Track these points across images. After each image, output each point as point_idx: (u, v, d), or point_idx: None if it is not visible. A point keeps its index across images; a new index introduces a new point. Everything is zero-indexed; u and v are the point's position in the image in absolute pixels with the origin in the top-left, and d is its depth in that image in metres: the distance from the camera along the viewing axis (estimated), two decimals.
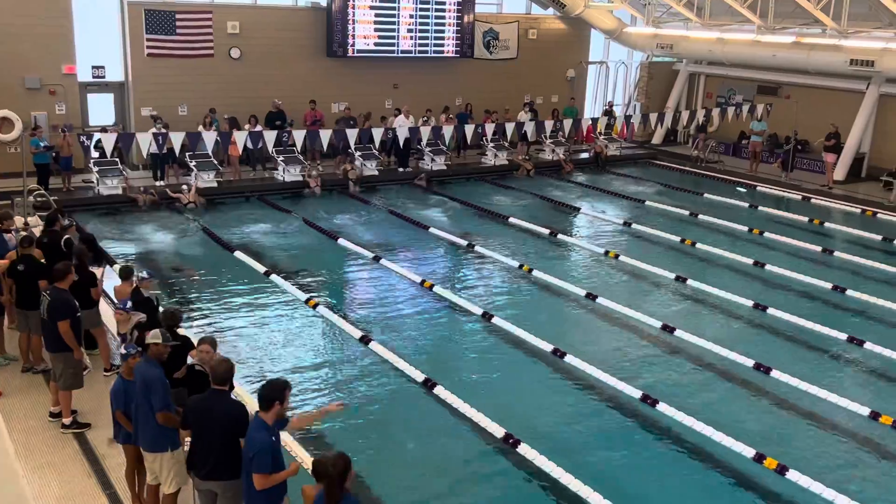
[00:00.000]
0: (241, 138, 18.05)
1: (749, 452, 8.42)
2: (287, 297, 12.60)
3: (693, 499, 7.91)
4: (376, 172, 20.83)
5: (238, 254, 14.51)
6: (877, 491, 8.04)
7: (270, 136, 18.06)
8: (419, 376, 9.91)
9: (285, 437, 7.43)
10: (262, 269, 13.73)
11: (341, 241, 15.60)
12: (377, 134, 19.57)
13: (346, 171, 19.89)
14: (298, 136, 18.50)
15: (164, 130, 17.58)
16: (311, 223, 16.74)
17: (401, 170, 21.33)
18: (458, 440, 8.70)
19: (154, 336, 6.68)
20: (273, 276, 13.35)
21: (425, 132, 20.07)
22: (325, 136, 18.63)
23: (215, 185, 18.76)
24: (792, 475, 8.04)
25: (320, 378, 9.98)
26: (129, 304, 7.86)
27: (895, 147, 20.36)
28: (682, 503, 7.84)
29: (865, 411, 9.44)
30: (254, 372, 10.01)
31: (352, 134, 18.99)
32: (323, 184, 19.56)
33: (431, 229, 16.69)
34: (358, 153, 20.40)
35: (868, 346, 11.36)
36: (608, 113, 25.07)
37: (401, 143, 20.58)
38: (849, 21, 21.28)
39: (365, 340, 10.94)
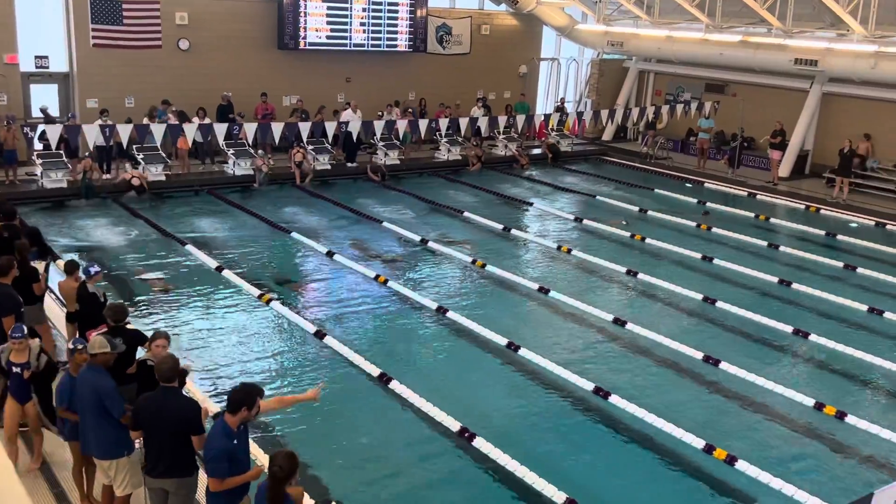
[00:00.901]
0: (190, 131, 17.74)
1: (699, 443, 8.57)
2: (240, 292, 12.42)
3: (645, 489, 8.02)
4: (329, 167, 20.69)
5: (189, 248, 14.27)
6: (822, 480, 8.23)
7: (220, 129, 17.79)
8: (374, 371, 9.87)
9: None
10: (214, 263, 13.53)
11: (294, 236, 15.45)
12: (330, 128, 19.41)
13: (294, 155, 19.67)
14: (249, 129, 18.26)
15: (110, 122, 17.21)
16: (262, 218, 16.57)
17: (349, 164, 21.19)
18: (414, 434, 8.69)
19: (101, 345, 6.43)
20: (225, 272, 13.16)
21: (379, 126, 19.96)
22: (277, 129, 18.42)
23: (163, 178, 18.42)
24: (741, 465, 8.21)
25: (275, 373, 9.88)
26: (25, 329, 7.44)
27: (837, 145, 20.87)
28: (634, 494, 7.94)
29: (810, 402, 9.68)
30: (206, 369, 9.85)
31: (304, 127, 18.82)
32: (274, 178, 19.37)
33: (385, 224, 16.63)
34: (310, 147, 20.23)
35: (813, 338, 11.66)
36: (560, 109, 25.29)
37: (354, 138, 20.45)
38: (793, 21, 21.79)
39: (320, 335, 10.86)
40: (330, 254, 14.43)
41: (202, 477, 5.98)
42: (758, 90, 24.04)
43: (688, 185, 22.05)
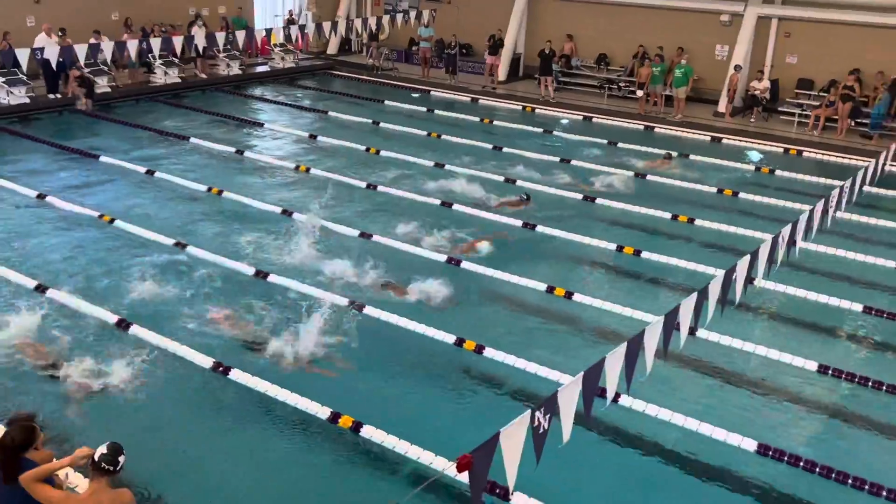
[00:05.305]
0: None
1: (450, 339, 9.05)
2: None
3: (409, 392, 8.29)
4: (27, 100, 18.48)
5: None
6: (560, 354, 9.00)
7: None
8: (111, 318, 9.20)
9: None
10: None
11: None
12: (22, 56, 17.13)
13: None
14: None
15: None
16: None
17: (51, 96, 19.08)
18: (168, 374, 8.25)
19: None
20: None
21: (81, 51, 17.98)
22: None
23: None
24: (488, 352, 8.80)
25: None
26: None
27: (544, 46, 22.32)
28: (404, 397, 8.19)
29: (543, 287, 10.55)
30: None
31: None
32: None
33: (103, 158, 15.29)
34: (2, 80, 17.90)
35: (539, 228, 12.63)
36: (292, 22, 24.27)
37: (53, 66, 18.30)
38: None
39: (41, 289, 9.84)
40: (41, 196, 13.04)
41: None
42: None
43: (414, 94, 22.49)
